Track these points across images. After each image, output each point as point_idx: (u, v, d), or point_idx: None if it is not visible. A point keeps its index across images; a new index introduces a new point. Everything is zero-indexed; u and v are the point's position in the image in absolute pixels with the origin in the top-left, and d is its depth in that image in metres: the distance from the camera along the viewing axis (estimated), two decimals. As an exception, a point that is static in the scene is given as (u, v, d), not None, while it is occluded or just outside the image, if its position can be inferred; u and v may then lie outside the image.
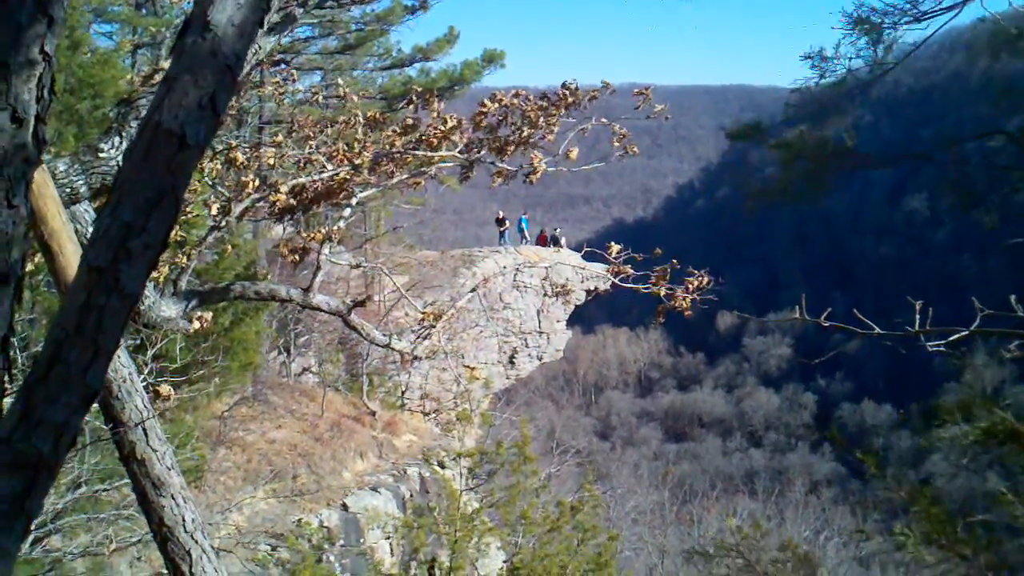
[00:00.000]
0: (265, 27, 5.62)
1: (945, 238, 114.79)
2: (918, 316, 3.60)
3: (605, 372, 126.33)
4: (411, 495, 17.35)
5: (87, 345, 2.03)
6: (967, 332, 3.61)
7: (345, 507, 16.18)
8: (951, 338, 3.70)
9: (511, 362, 34.84)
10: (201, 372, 9.60)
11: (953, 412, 3.69)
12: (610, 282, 8.12)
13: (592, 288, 35.93)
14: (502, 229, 38.41)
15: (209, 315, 6.14)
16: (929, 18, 5.77)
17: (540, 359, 36.51)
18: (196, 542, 4.70)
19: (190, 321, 6.46)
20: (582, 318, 79.62)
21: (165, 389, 5.54)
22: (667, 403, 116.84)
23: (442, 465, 19.99)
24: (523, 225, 39.43)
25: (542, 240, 38.50)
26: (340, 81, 8.49)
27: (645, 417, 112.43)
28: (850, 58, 5.73)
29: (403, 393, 26.68)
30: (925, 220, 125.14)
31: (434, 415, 26.85)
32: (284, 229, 20.51)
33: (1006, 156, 5.38)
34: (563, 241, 39.02)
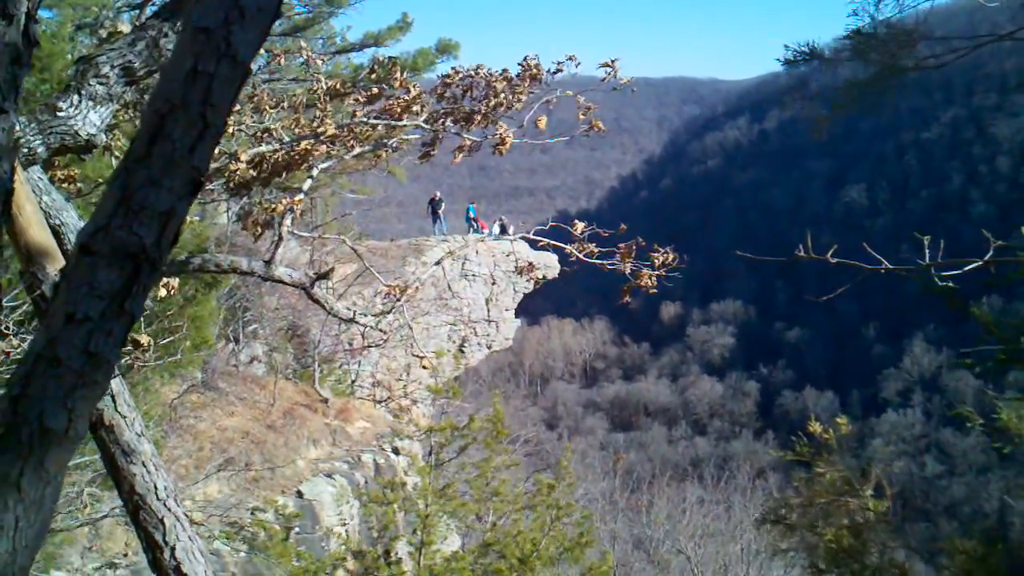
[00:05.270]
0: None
1: (884, 227, 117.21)
2: (927, 251, 3.57)
3: (551, 363, 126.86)
4: (366, 481, 17.16)
5: (194, 119, 1.78)
6: (981, 262, 3.59)
7: (300, 494, 15.95)
8: (965, 268, 3.66)
9: (460, 351, 34.67)
10: (172, 338, 9.30)
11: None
12: (559, 270, 8.09)
13: (541, 276, 35.87)
14: (438, 212, 37.41)
15: (176, 281, 5.91)
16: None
17: (489, 348, 36.43)
18: (169, 510, 4.51)
19: (156, 289, 6.25)
20: (528, 310, 79.66)
21: (144, 338, 5.27)
22: (613, 393, 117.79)
23: (396, 451, 19.83)
24: (471, 214, 39.17)
25: (485, 227, 38.34)
26: (304, 44, 8.27)
27: (591, 407, 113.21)
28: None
29: (353, 381, 26.43)
30: (863, 210, 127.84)
31: (385, 403, 26.62)
32: (230, 212, 20.06)
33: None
34: (511, 230, 38.87)
